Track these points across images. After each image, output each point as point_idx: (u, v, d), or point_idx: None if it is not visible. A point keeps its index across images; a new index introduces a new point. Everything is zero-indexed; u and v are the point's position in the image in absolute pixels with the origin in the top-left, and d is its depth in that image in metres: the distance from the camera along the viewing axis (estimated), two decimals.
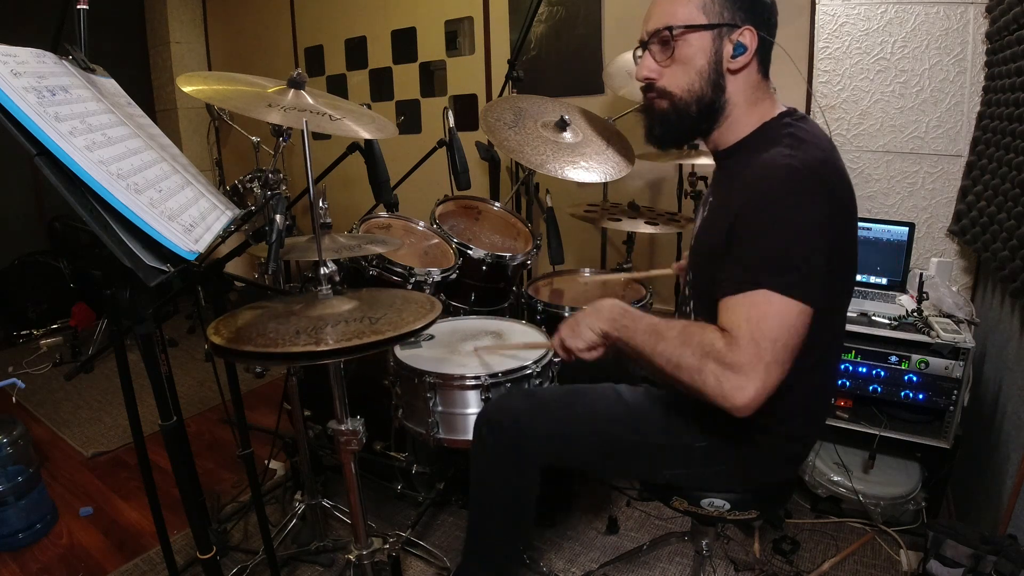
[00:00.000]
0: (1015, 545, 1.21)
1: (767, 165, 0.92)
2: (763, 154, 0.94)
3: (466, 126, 2.75)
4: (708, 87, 0.99)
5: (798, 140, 0.93)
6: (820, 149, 0.93)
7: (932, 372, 1.62)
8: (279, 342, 0.90)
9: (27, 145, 0.70)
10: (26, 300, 3.48)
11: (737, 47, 0.97)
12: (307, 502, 1.70)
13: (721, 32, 0.97)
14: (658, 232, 1.89)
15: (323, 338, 0.91)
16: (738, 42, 0.96)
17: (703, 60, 0.98)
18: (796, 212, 0.87)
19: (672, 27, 0.98)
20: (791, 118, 0.99)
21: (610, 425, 1.13)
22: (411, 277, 1.64)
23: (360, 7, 3.38)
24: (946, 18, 1.89)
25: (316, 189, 1.14)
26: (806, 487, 1.85)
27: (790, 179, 0.89)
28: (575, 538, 1.76)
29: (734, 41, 0.97)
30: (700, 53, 0.98)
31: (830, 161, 0.93)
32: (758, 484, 1.12)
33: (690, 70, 0.99)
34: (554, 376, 1.43)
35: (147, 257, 0.76)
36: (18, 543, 1.79)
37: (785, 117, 1.00)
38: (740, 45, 0.96)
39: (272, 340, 0.91)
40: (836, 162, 0.94)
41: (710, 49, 0.98)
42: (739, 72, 0.99)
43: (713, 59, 0.98)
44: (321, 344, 0.89)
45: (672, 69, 1.01)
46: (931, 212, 2.05)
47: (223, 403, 1.61)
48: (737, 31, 0.96)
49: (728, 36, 0.97)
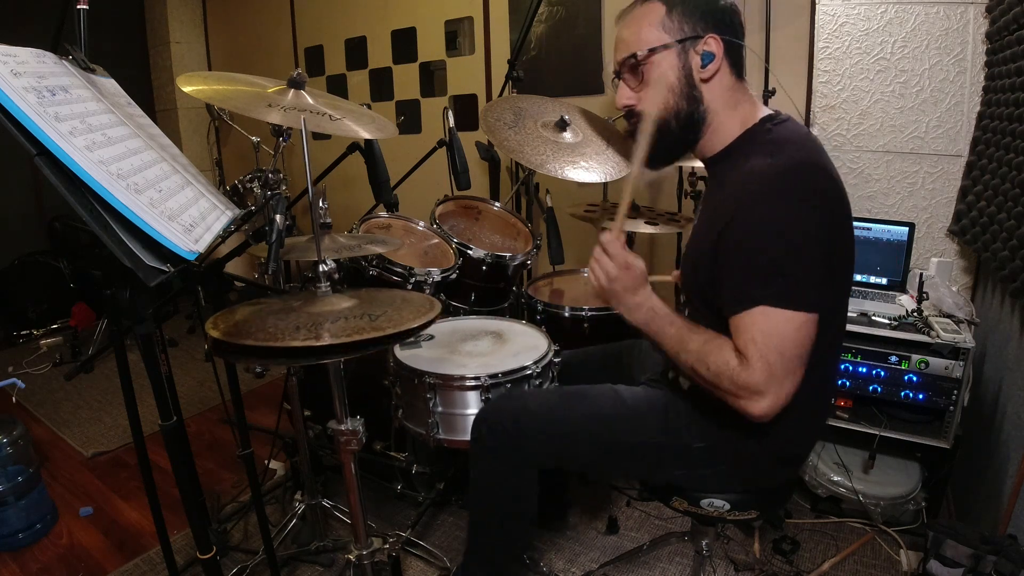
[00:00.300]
0: (1015, 545, 1.22)
1: (749, 176, 0.93)
2: (746, 164, 0.95)
3: (466, 126, 2.75)
4: (683, 101, 1.02)
5: (778, 145, 0.94)
6: (802, 151, 0.94)
7: (932, 372, 1.62)
8: (278, 336, 0.90)
9: (27, 145, 0.70)
10: (26, 300, 3.48)
11: (704, 56, 0.99)
12: (307, 502, 1.70)
13: (685, 46, 0.99)
14: (658, 232, 1.89)
15: (322, 333, 0.91)
16: (704, 51, 0.99)
17: (673, 77, 1.01)
18: (781, 219, 0.88)
19: (636, 53, 1.01)
20: (772, 123, 1.00)
21: (609, 426, 1.13)
22: (411, 277, 1.64)
23: (360, 7, 3.38)
24: (946, 18, 1.89)
25: (316, 189, 1.14)
26: (806, 487, 1.85)
27: (772, 187, 0.90)
28: (575, 538, 1.76)
29: (700, 51, 0.99)
30: (669, 71, 1.01)
31: (812, 161, 0.93)
32: (758, 485, 1.12)
33: (663, 89, 1.02)
34: (554, 376, 1.43)
35: (147, 257, 0.76)
36: (18, 543, 1.79)
37: (766, 123, 1.01)
38: (707, 54, 0.99)
39: (271, 335, 0.91)
40: (820, 160, 0.94)
41: (677, 65, 1.00)
42: (711, 79, 1.01)
43: (683, 74, 1.01)
44: (321, 339, 0.89)
45: (646, 92, 1.04)
46: (931, 212, 2.04)
47: (223, 403, 1.61)
48: (701, 41, 0.98)
49: (693, 48, 0.99)
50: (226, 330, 0.94)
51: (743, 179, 0.94)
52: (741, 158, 0.98)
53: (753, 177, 0.92)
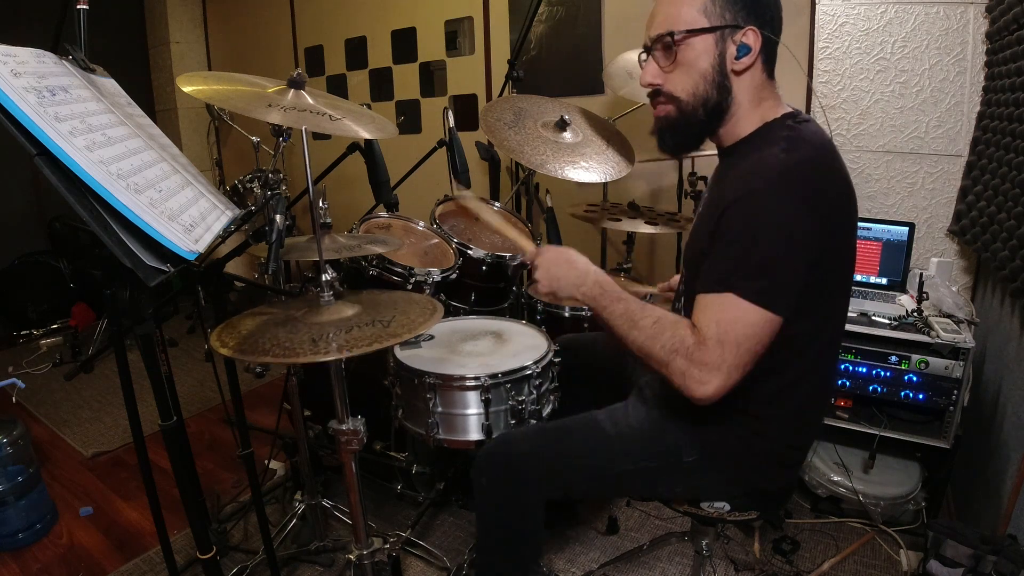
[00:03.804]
0: (1015, 545, 1.22)
1: (758, 165, 0.92)
2: (758, 153, 0.94)
3: (466, 126, 2.75)
4: (713, 90, 0.99)
5: (795, 142, 0.93)
6: (816, 151, 0.93)
7: (932, 372, 1.62)
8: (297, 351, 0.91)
9: (27, 145, 0.70)
10: (26, 300, 3.48)
11: (741, 48, 0.95)
12: (307, 502, 1.70)
13: (724, 34, 0.95)
14: (658, 232, 1.88)
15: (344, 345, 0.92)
16: (742, 43, 0.95)
17: (706, 63, 0.97)
18: (778, 217, 0.87)
19: (674, 32, 0.97)
20: (793, 120, 0.98)
21: (597, 458, 1.12)
22: (411, 277, 1.64)
23: (360, 7, 3.38)
24: (946, 18, 1.89)
25: (316, 189, 1.14)
26: (806, 487, 1.85)
27: (778, 181, 0.89)
28: (575, 538, 1.76)
29: (737, 42, 0.95)
30: (703, 56, 0.97)
31: (824, 163, 0.92)
32: (758, 488, 1.11)
33: (694, 73, 0.98)
34: (554, 376, 1.43)
35: (147, 257, 0.76)
36: (18, 543, 1.79)
37: (788, 119, 0.99)
38: (744, 46, 0.95)
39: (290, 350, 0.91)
40: (832, 164, 0.94)
41: (713, 52, 0.96)
42: (744, 73, 0.98)
43: (717, 62, 0.97)
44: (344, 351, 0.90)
45: (676, 74, 1.00)
46: (931, 212, 2.05)
47: (223, 403, 1.62)
48: (740, 32, 0.95)
49: (731, 37, 0.96)
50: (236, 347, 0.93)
51: (753, 167, 0.93)
52: (755, 148, 0.97)
53: (763, 167, 0.91)
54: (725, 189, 0.97)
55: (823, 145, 0.95)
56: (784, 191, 0.88)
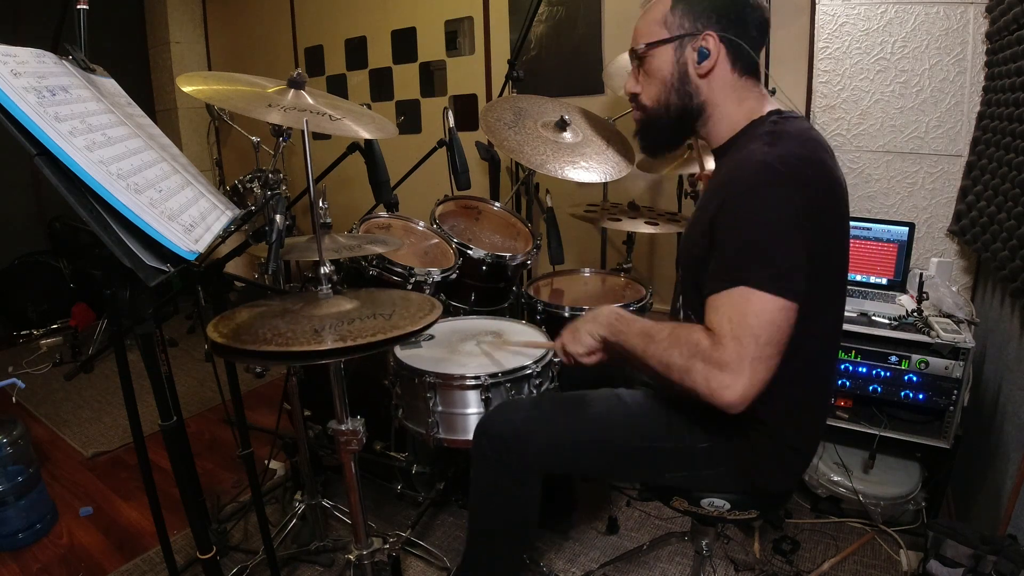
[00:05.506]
0: (1015, 545, 1.21)
1: (742, 162, 0.95)
2: (742, 151, 0.97)
3: (466, 126, 2.76)
4: (674, 95, 1.06)
5: (777, 136, 0.95)
6: (800, 144, 0.94)
7: (932, 372, 1.62)
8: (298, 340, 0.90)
9: (27, 145, 0.70)
10: (26, 300, 3.48)
11: (700, 53, 1.01)
12: (307, 502, 1.70)
13: (683, 43, 1.02)
14: (658, 232, 1.89)
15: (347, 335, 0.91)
16: (701, 48, 1.01)
17: (667, 71, 1.05)
18: (769, 207, 0.89)
19: (637, 47, 1.07)
20: (778, 115, 1.01)
21: (611, 431, 1.12)
22: (411, 277, 1.64)
23: (360, 7, 3.38)
24: (946, 18, 1.89)
25: (316, 189, 1.14)
26: (806, 487, 1.85)
27: (762, 174, 0.90)
28: (575, 538, 1.76)
29: (697, 48, 1.01)
30: (664, 65, 1.05)
31: (809, 156, 0.93)
32: (761, 487, 1.11)
33: (657, 82, 1.07)
34: (555, 376, 1.43)
35: (147, 257, 0.76)
36: (18, 543, 1.79)
37: (773, 115, 1.01)
38: (703, 51, 1.01)
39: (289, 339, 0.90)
40: (817, 156, 0.95)
41: (672, 60, 1.04)
42: (709, 75, 1.03)
43: (676, 69, 1.04)
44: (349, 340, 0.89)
45: (646, 83, 1.09)
46: (931, 212, 2.05)
47: (223, 403, 1.61)
48: (699, 38, 1.01)
49: (691, 44, 1.02)
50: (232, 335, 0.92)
51: (737, 164, 0.96)
52: (741, 146, 1.00)
53: (746, 163, 0.93)
54: (714, 191, 0.99)
55: (808, 140, 0.96)
56: (771, 183, 0.90)
